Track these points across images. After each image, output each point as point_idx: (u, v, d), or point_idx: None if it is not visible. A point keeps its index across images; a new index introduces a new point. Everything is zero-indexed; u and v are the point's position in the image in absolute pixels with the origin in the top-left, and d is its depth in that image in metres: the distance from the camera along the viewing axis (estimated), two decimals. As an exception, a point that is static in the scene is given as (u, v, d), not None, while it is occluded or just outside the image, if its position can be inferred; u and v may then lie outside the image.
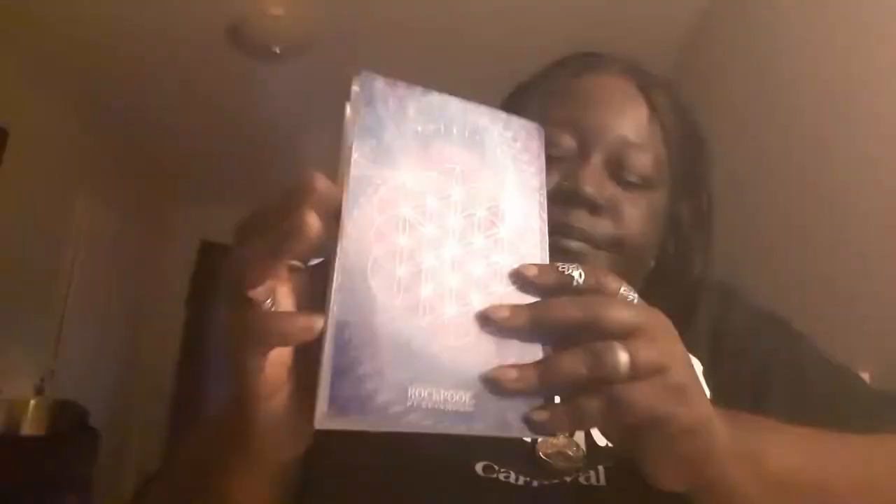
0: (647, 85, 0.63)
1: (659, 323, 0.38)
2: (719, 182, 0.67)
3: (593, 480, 0.51)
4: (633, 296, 0.40)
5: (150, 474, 0.64)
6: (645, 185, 0.59)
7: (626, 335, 0.36)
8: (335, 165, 0.39)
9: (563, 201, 0.57)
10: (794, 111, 1.73)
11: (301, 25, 2.55)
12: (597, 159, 0.59)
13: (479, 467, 0.51)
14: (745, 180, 1.93)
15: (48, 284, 3.25)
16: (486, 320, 0.37)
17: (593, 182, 0.57)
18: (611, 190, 0.59)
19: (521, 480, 0.51)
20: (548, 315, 0.38)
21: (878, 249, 1.33)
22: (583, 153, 0.59)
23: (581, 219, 0.57)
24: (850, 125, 1.47)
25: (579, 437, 0.54)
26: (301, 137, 3.55)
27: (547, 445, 0.53)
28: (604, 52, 0.68)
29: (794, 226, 1.69)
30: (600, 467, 0.51)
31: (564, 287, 0.39)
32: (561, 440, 0.53)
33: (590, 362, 0.35)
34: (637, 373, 0.35)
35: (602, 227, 0.58)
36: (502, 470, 0.51)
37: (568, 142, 0.60)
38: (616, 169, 0.59)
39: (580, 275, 0.39)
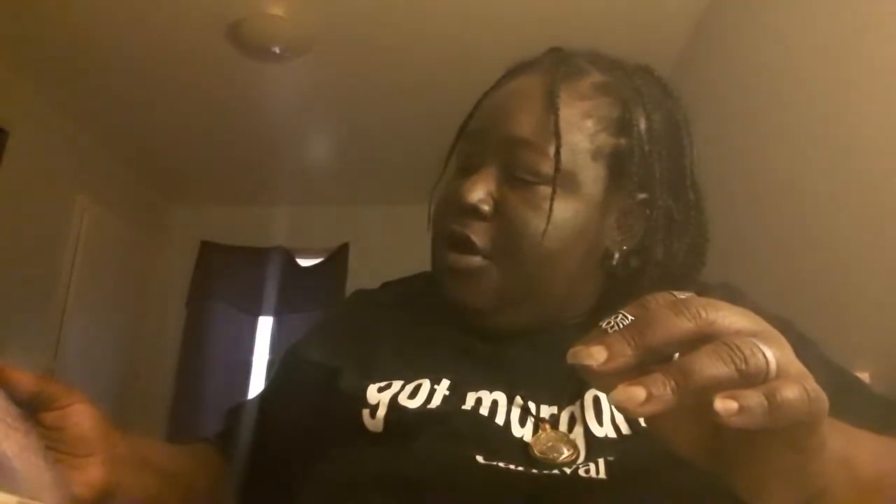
0: (565, 76, 0.61)
1: (769, 326, 0.34)
2: (720, 179, 0.66)
3: (593, 473, 0.50)
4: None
5: None
6: (539, 181, 0.58)
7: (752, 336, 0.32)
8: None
9: (450, 210, 0.60)
10: (796, 110, 1.73)
11: (301, 25, 2.55)
12: (490, 164, 0.60)
13: (478, 458, 0.51)
14: (746, 179, 1.93)
15: (48, 284, 3.25)
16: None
17: (476, 187, 0.59)
18: (500, 192, 0.59)
19: (521, 468, 0.51)
20: (655, 336, 0.31)
21: (877, 249, 1.33)
22: (478, 160, 0.61)
23: (467, 225, 0.59)
24: (850, 123, 1.47)
25: (578, 432, 0.54)
26: (300, 138, 3.55)
27: (540, 442, 0.53)
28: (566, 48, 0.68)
29: (794, 225, 1.68)
30: (600, 460, 0.51)
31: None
32: (553, 434, 0.53)
33: (736, 359, 0.30)
34: (785, 371, 0.31)
35: (484, 230, 0.59)
36: (501, 462, 0.51)
37: (468, 151, 0.63)
38: (509, 169, 0.59)
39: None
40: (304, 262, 4.33)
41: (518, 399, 0.56)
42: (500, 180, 0.59)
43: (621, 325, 0.33)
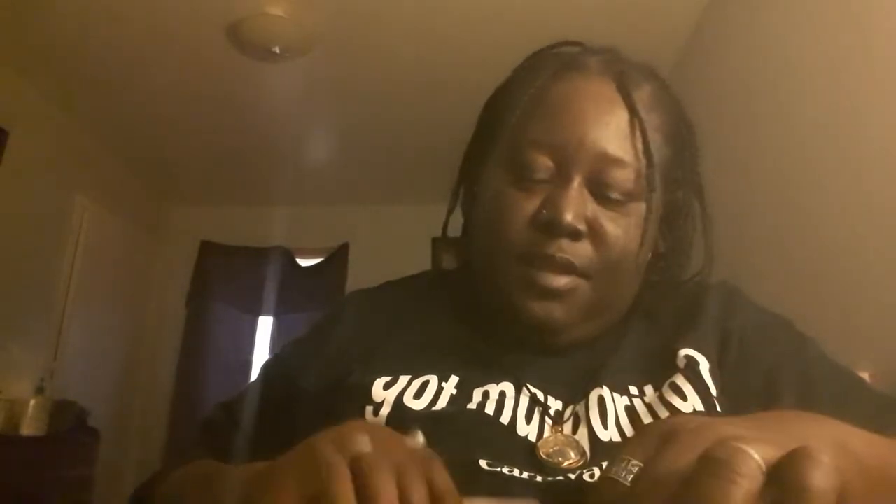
0: (628, 84, 0.60)
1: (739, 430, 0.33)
2: (721, 180, 0.67)
3: (597, 477, 0.50)
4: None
5: (151, 477, 0.63)
6: (627, 199, 0.58)
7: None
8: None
9: (543, 230, 0.57)
10: (796, 109, 1.73)
11: (301, 25, 2.55)
12: (576, 179, 0.57)
13: (482, 463, 0.51)
14: (747, 178, 1.93)
15: (48, 284, 3.25)
16: None
17: (573, 207, 0.56)
18: (591, 210, 0.57)
19: (526, 475, 0.51)
20: None
21: (877, 250, 1.33)
22: (562, 174, 0.58)
23: (562, 248, 0.56)
24: (851, 123, 1.47)
25: (582, 434, 0.54)
26: (300, 138, 3.55)
27: (548, 444, 0.53)
28: (584, 42, 0.66)
29: (795, 225, 1.69)
30: (604, 464, 0.51)
31: None
32: (561, 438, 0.53)
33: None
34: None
35: (583, 251, 0.57)
36: (505, 467, 0.51)
37: (546, 164, 0.58)
38: (596, 186, 0.58)
39: None
40: (304, 262, 4.34)
41: (528, 387, 0.57)
42: (588, 196, 0.58)
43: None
